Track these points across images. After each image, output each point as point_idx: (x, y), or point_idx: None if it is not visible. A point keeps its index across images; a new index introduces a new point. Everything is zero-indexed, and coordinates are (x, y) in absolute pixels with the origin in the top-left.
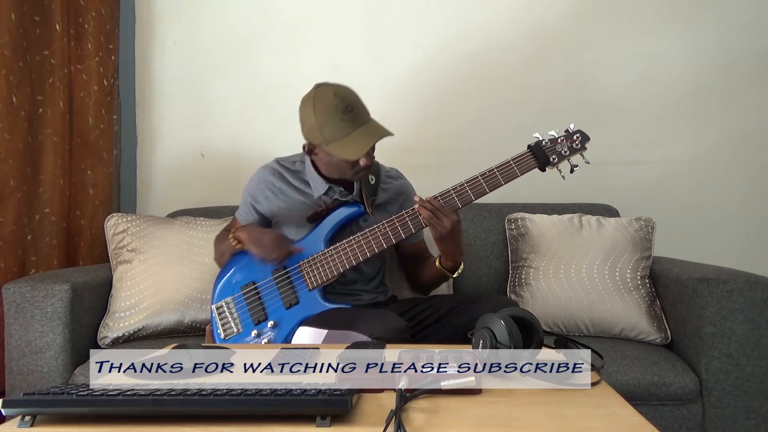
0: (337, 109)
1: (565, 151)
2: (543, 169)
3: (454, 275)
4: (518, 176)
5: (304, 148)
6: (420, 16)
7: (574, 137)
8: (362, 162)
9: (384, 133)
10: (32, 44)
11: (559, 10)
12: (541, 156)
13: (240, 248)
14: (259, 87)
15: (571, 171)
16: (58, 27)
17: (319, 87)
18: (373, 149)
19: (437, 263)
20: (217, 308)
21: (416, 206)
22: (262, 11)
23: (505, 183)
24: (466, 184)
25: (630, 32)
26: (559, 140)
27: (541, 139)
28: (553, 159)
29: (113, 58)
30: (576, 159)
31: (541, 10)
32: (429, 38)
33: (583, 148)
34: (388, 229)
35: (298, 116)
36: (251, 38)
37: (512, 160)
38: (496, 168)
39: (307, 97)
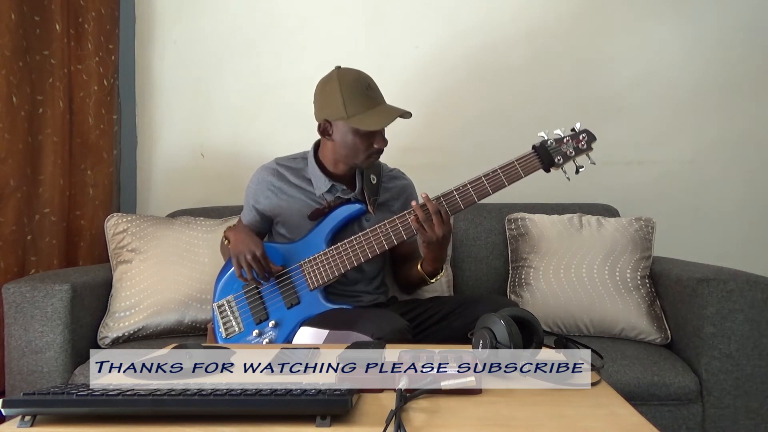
0: (361, 84)
1: (571, 152)
2: (548, 171)
3: (433, 281)
4: (522, 177)
5: (319, 128)
6: (420, 15)
7: (580, 137)
8: (376, 144)
9: (404, 110)
10: (32, 44)
11: (558, 9)
12: (545, 157)
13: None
14: (259, 87)
15: (576, 172)
16: (58, 27)
17: (340, 68)
18: (384, 138)
19: (418, 267)
20: (219, 306)
21: (413, 205)
22: (262, 11)
23: (509, 184)
24: (469, 185)
25: (630, 32)
26: (564, 140)
27: (546, 138)
28: (558, 160)
29: (113, 58)
30: (581, 159)
31: (541, 9)
32: (429, 38)
33: (589, 149)
34: (389, 229)
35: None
36: (251, 38)
37: (516, 160)
38: (499, 169)
39: (329, 77)
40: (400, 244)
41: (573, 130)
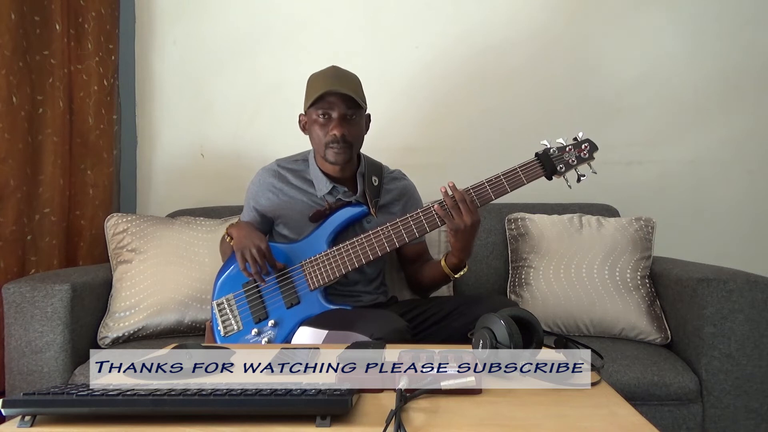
0: (325, 75)
1: (573, 161)
2: (550, 178)
3: (457, 276)
4: (524, 184)
5: (299, 122)
6: (420, 16)
7: (583, 146)
8: (332, 131)
9: (346, 88)
10: (32, 44)
11: (559, 10)
12: (548, 165)
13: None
14: (259, 87)
15: (578, 180)
16: (58, 27)
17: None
18: (350, 125)
19: (442, 261)
20: (218, 305)
21: (441, 191)
22: (262, 11)
23: (511, 190)
24: (471, 190)
25: (630, 32)
26: (567, 149)
27: (548, 146)
28: (560, 168)
29: (113, 58)
30: (583, 168)
31: (541, 10)
32: (429, 38)
33: (591, 158)
34: (392, 232)
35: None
36: (251, 38)
37: (519, 167)
38: (502, 175)
39: None
40: (407, 246)
41: (575, 139)
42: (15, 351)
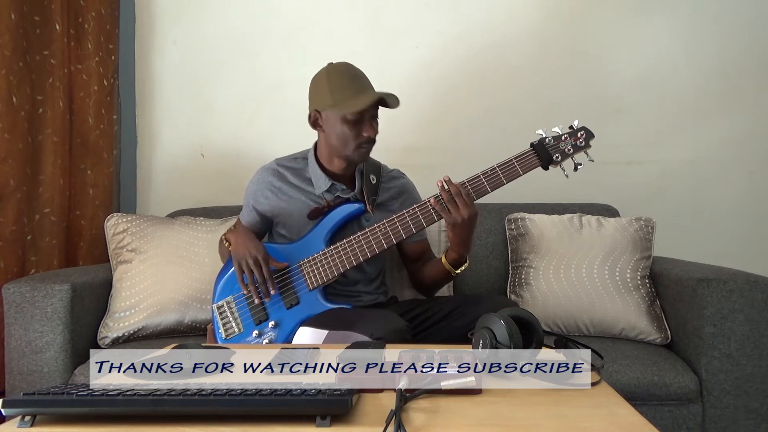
0: (348, 73)
1: (569, 149)
2: (546, 168)
3: (458, 271)
4: (521, 175)
5: (309, 119)
6: (420, 16)
7: (578, 134)
8: (365, 132)
9: (389, 94)
10: (32, 44)
11: (558, 9)
12: (544, 154)
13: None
14: (259, 87)
15: (575, 169)
16: (58, 27)
17: (332, 63)
18: (377, 124)
19: (443, 257)
20: (218, 308)
21: (438, 185)
22: (262, 11)
23: (507, 182)
24: (467, 183)
25: (630, 32)
26: (562, 137)
27: (544, 136)
28: (557, 158)
29: (113, 58)
30: (580, 157)
31: (541, 9)
32: (429, 38)
33: (588, 146)
34: (388, 228)
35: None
36: (251, 38)
37: (514, 158)
38: (498, 166)
39: (320, 71)
40: (408, 244)
41: (571, 127)
42: (15, 351)
